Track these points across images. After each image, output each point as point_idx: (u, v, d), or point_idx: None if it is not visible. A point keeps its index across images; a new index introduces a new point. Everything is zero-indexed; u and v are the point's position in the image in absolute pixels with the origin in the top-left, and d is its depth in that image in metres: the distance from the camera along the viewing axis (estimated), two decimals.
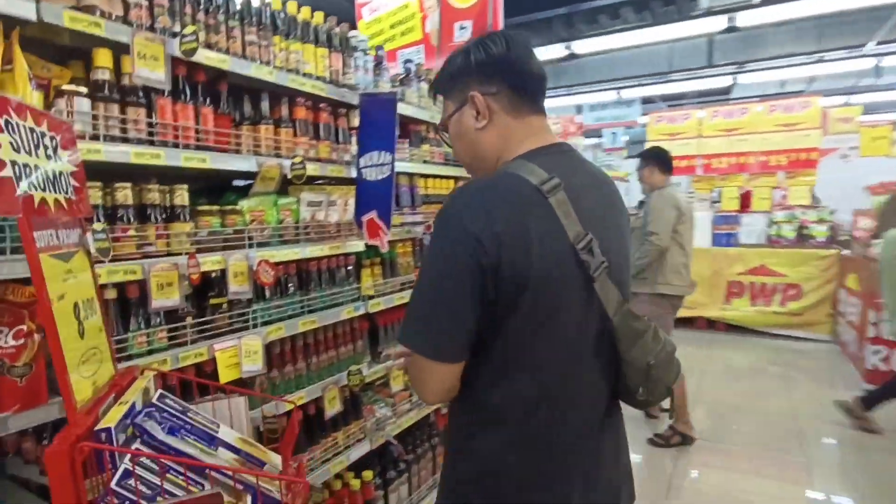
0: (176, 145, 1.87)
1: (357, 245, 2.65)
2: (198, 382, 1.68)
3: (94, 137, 1.64)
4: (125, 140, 1.72)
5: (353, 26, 2.75)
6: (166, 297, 1.79)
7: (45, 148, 1.31)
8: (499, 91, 1.14)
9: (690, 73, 9.94)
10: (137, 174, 1.94)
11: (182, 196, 1.90)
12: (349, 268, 2.65)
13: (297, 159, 2.25)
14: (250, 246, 2.13)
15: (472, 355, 1.07)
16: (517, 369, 1.06)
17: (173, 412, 1.50)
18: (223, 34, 2.00)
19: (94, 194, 1.65)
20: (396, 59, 4.61)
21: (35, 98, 1.52)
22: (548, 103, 1.23)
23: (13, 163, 1.14)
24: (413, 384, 1.15)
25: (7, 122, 1.15)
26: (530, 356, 1.05)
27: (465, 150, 1.22)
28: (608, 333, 1.09)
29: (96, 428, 1.19)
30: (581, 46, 8.74)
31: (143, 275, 1.73)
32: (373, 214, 2.61)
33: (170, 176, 2.01)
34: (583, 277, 1.04)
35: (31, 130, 1.25)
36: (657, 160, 4.11)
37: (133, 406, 1.38)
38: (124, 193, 1.73)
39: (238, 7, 2.08)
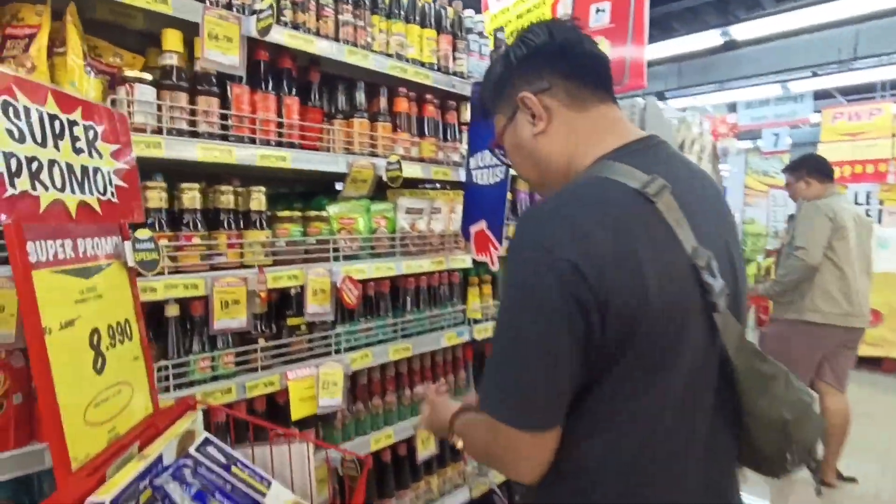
0: (253, 141, 1.62)
1: (463, 260, 2.26)
2: (254, 423, 1.39)
3: (157, 131, 1.42)
4: (193, 134, 1.49)
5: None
6: (231, 317, 1.53)
7: (75, 140, 1.08)
8: (552, 85, 0.98)
9: (881, 59, 8.22)
10: (222, 175, 1.73)
11: (259, 200, 1.64)
12: (453, 287, 2.27)
13: (394, 158, 1.91)
14: (336, 259, 1.83)
15: None
16: (616, 424, 0.88)
17: (213, 467, 1.21)
18: (312, 12, 1.73)
19: (155, 196, 1.44)
20: None
21: (91, 85, 1.33)
22: (692, 101, 0.91)
23: (8, 155, 0.91)
24: (496, 462, 0.94)
25: (6, 105, 0.92)
26: (634, 409, 0.86)
27: (528, 163, 1.05)
28: (729, 379, 0.90)
29: (88, 500, 0.91)
30: (741, 31, 7.58)
31: (205, 290, 1.49)
32: (482, 225, 2.20)
33: (257, 177, 1.79)
34: (702, 306, 0.85)
35: (52, 118, 1.03)
36: (816, 170, 3.47)
37: (158, 460, 1.10)
38: (191, 196, 1.51)
39: None
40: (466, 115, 2.31)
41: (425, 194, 2.22)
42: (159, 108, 1.43)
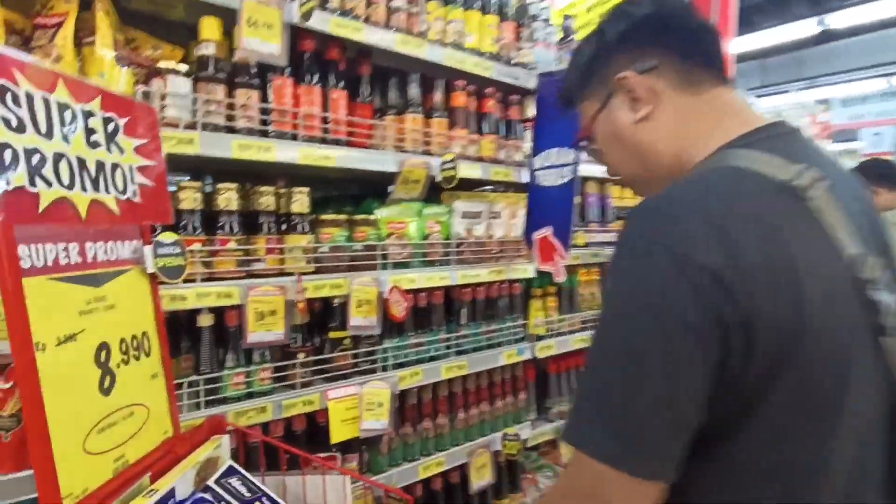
0: (294, 137, 1.49)
1: (525, 270, 2.05)
2: (285, 450, 1.24)
3: (191, 126, 1.32)
4: (230, 130, 1.38)
5: None
6: (267, 329, 1.40)
7: (90, 132, 0.97)
8: (661, 63, 0.84)
9: None
10: (268, 175, 1.62)
11: (301, 201, 1.51)
12: (514, 299, 2.06)
13: (449, 157, 1.74)
14: (384, 267, 1.67)
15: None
16: (758, 479, 0.69)
17: (234, 503, 1.07)
18: None
19: (189, 197, 1.33)
20: None
21: (122, 76, 1.24)
22: (778, 101, 0.87)
23: (1, 146, 0.80)
24: None
25: (3, 90, 0.82)
26: (784, 460, 0.68)
27: (627, 155, 0.91)
28: None
29: None
30: (838, 20, 6.88)
31: (240, 299, 1.36)
32: (547, 231, 1.99)
33: (305, 178, 1.66)
34: (867, 327, 0.68)
35: (62, 107, 0.92)
36: (884, 178, 3.25)
37: (170, 495, 0.97)
38: (227, 196, 1.39)
39: None
40: (531, 110, 2.10)
41: (484, 197, 2.03)
42: (194, 101, 1.32)
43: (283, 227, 1.50)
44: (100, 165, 0.98)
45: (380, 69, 1.78)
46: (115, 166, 1.02)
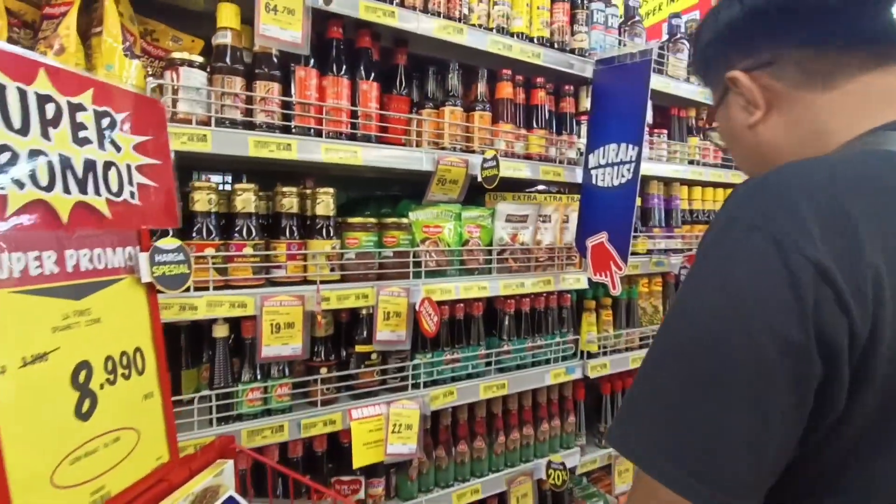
0: (319, 133, 1.37)
1: (577, 280, 1.85)
2: (294, 478, 1.12)
3: (206, 122, 1.22)
4: (249, 125, 1.27)
5: None
6: (283, 343, 1.29)
7: (78, 128, 0.88)
8: (777, 58, 0.69)
9: None
10: (299, 173, 1.52)
11: (326, 203, 1.39)
12: (563, 312, 1.86)
13: (490, 154, 1.57)
14: (416, 275, 1.53)
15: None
16: (834, 492, 0.59)
17: None
18: None
19: (203, 198, 1.24)
20: (661, 37, 3.62)
21: (132, 68, 1.16)
22: None
23: None
24: None
25: None
26: (865, 475, 0.58)
27: (745, 155, 0.79)
28: None
29: None
30: None
31: (254, 310, 1.26)
32: (602, 237, 1.78)
33: (338, 178, 1.55)
34: None
35: (43, 99, 0.83)
36: None
37: None
38: (245, 198, 1.29)
39: None
40: (586, 102, 1.89)
41: (531, 199, 1.84)
42: (209, 95, 1.22)
43: (306, 230, 1.39)
44: (89, 164, 0.89)
45: (417, 59, 1.64)
46: (108, 165, 0.93)
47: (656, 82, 1.95)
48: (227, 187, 1.60)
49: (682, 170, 2.15)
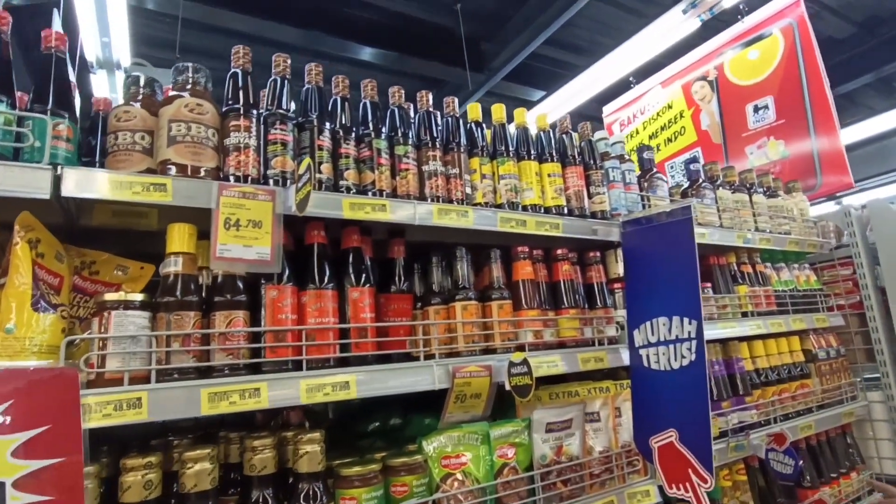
0: (298, 366, 1.06)
1: (646, 495, 1.42)
2: None
3: (145, 378, 0.92)
4: (206, 372, 0.97)
5: (596, 128, 1.81)
6: None
7: None
8: None
9: None
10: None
11: (312, 456, 1.03)
12: None
13: (518, 357, 1.25)
14: None
15: None
16: None
17: None
18: (385, 167, 1.23)
19: (136, 482, 0.89)
20: (665, 173, 3.51)
21: (43, 323, 0.88)
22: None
23: None
24: None
25: None
26: None
27: None
28: None
29: None
30: None
31: None
32: (671, 436, 1.39)
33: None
34: None
35: None
36: None
37: None
38: (196, 471, 0.94)
39: (413, 125, 1.34)
40: (617, 267, 1.62)
41: (572, 395, 1.49)
42: (151, 342, 0.94)
43: (285, 495, 1.02)
44: None
45: (416, 247, 1.39)
46: None
47: None
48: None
49: (736, 327, 1.83)
